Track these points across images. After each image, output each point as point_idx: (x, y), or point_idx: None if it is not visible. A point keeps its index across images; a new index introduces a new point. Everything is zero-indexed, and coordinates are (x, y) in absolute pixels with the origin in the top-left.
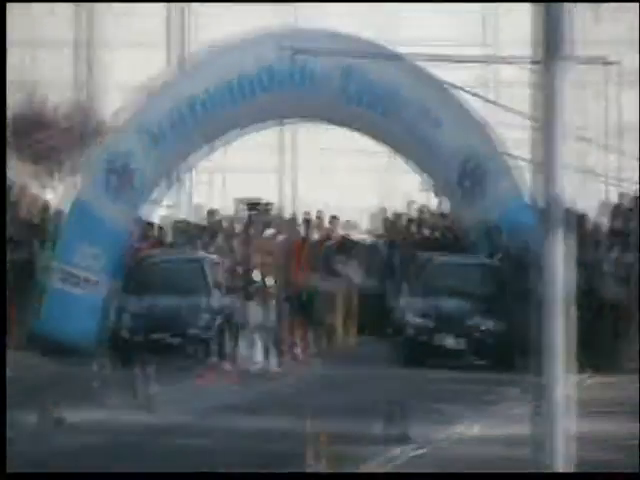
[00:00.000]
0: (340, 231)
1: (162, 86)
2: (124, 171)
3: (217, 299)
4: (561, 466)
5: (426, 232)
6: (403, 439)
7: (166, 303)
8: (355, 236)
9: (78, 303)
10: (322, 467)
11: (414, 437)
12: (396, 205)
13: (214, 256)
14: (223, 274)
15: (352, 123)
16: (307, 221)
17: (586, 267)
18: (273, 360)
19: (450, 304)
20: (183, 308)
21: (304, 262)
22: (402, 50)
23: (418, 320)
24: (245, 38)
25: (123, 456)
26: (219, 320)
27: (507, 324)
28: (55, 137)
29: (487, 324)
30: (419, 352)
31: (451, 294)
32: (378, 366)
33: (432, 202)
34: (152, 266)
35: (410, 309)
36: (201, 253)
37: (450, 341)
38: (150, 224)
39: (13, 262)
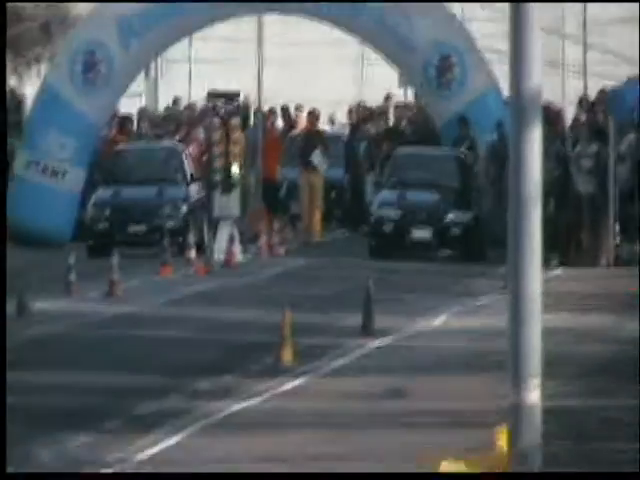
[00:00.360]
0: (306, 122)
1: None
2: (92, 60)
3: (191, 189)
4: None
5: (398, 124)
6: (369, 330)
7: (141, 194)
8: (321, 127)
9: (47, 193)
10: (289, 358)
11: (381, 328)
12: (371, 97)
13: (182, 146)
14: (189, 164)
15: (319, 16)
16: (271, 112)
17: (563, 161)
18: (237, 250)
19: (418, 195)
20: (161, 199)
21: (270, 152)
22: None
23: (385, 211)
24: None
25: (87, 345)
26: (188, 210)
27: (476, 216)
28: (33, 30)
29: (456, 216)
30: (387, 244)
31: (419, 185)
32: (344, 257)
33: (407, 95)
34: (126, 156)
35: (377, 201)
36: (172, 142)
37: (419, 233)
38: (123, 116)
39: None
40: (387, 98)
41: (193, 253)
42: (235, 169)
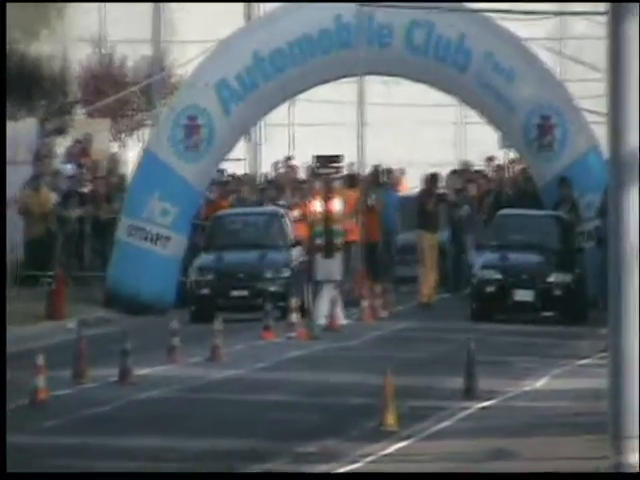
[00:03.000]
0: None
1: (231, 42)
2: (193, 125)
3: (292, 253)
4: (632, 419)
5: (500, 186)
6: (471, 392)
7: (243, 259)
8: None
9: (149, 258)
10: (392, 421)
11: (484, 391)
12: (472, 159)
13: (284, 210)
14: (291, 228)
15: (421, 76)
16: (377, 174)
17: None
18: (340, 314)
19: (520, 257)
20: (263, 263)
21: (372, 215)
22: (471, 2)
23: (487, 273)
24: None
25: (191, 409)
26: (290, 274)
27: (578, 277)
28: (126, 93)
29: (557, 277)
30: (489, 306)
31: (521, 247)
32: (450, 320)
33: (509, 157)
34: (228, 221)
35: (479, 262)
36: (273, 207)
37: (521, 294)
38: (225, 179)
39: (84, 217)
40: (489, 160)
41: (295, 317)
42: (337, 233)
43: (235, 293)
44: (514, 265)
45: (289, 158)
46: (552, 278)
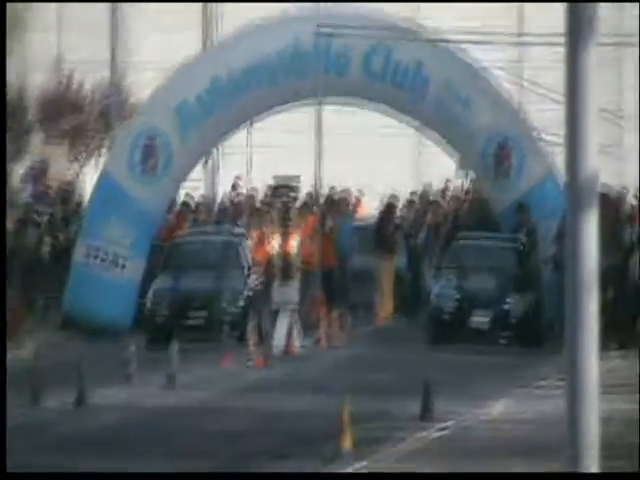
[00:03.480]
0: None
1: (190, 66)
2: (151, 148)
3: (249, 279)
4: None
5: (457, 211)
6: (429, 417)
7: (201, 284)
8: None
9: (106, 282)
10: (348, 447)
11: (441, 415)
12: (428, 185)
13: (241, 234)
14: (247, 254)
15: (378, 102)
16: (331, 200)
17: (619, 247)
18: (296, 339)
19: (476, 282)
20: (221, 290)
21: (328, 239)
22: (428, 30)
23: (444, 298)
24: (270, 20)
25: (143, 436)
26: (247, 299)
27: (534, 301)
28: (84, 116)
29: (514, 301)
30: (445, 331)
31: (476, 273)
32: (407, 344)
33: (465, 184)
34: (187, 246)
35: (436, 288)
36: (229, 233)
37: (477, 318)
38: (184, 203)
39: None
40: (445, 185)
41: (252, 344)
42: (296, 259)
43: (192, 316)
44: (470, 289)
45: (238, 178)
46: (508, 302)
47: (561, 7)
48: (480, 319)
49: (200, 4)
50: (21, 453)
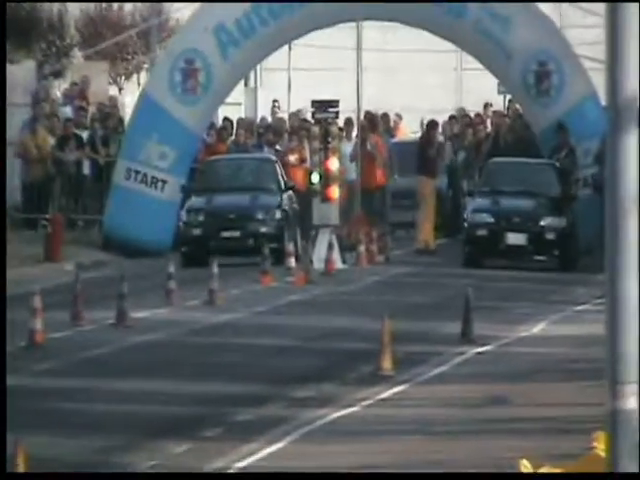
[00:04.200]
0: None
1: None
2: (191, 69)
3: (284, 197)
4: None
5: (497, 132)
6: (468, 338)
7: (234, 201)
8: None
9: (147, 202)
10: (388, 367)
11: (480, 336)
12: (470, 105)
13: (277, 155)
14: (283, 173)
15: (417, 21)
16: (373, 119)
17: None
18: (336, 258)
19: (512, 202)
20: (254, 205)
21: (370, 160)
22: None
23: (478, 217)
24: None
25: (188, 353)
26: (282, 217)
27: (571, 222)
28: (124, 37)
29: (550, 222)
30: (481, 249)
31: (512, 193)
32: (448, 265)
33: (507, 102)
34: (222, 166)
35: (470, 207)
36: (265, 153)
37: (513, 238)
38: (222, 125)
39: (84, 161)
40: (485, 106)
41: (292, 262)
42: (334, 176)
43: (226, 234)
44: (506, 209)
45: (276, 101)
46: (544, 222)
47: None
48: (516, 238)
49: None
50: (60, 372)
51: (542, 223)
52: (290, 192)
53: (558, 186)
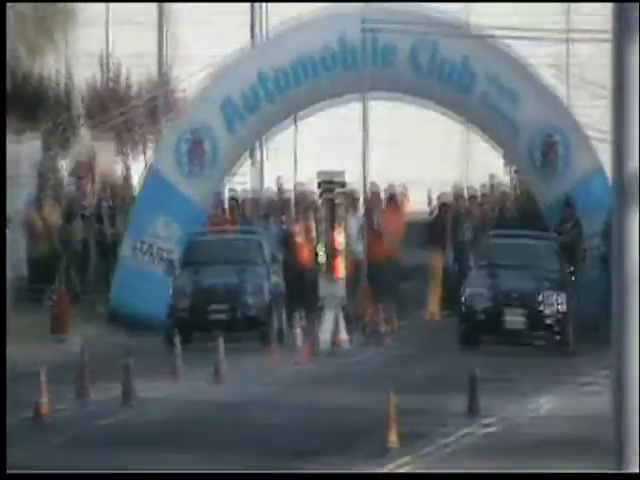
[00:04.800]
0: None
1: (236, 61)
2: (197, 143)
3: (274, 272)
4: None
5: (503, 206)
6: (474, 413)
7: (223, 277)
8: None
9: (152, 277)
10: (394, 442)
11: (486, 409)
12: (476, 178)
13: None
14: (295, 246)
15: (424, 97)
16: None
17: None
18: (343, 334)
19: (510, 280)
20: (242, 282)
21: (376, 233)
22: (475, 25)
23: (476, 295)
24: (315, 15)
25: (190, 431)
26: (271, 295)
27: (571, 301)
28: (130, 111)
29: (549, 300)
30: (478, 328)
31: (512, 270)
32: (453, 339)
33: (511, 176)
34: (208, 241)
35: (468, 284)
36: (251, 231)
37: (511, 318)
38: (231, 198)
39: (91, 237)
40: (491, 179)
41: (299, 337)
42: (341, 254)
43: (214, 311)
44: (503, 286)
45: (280, 178)
46: (543, 300)
47: (609, 4)
48: (514, 319)
49: None
50: (68, 447)
51: (540, 301)
52: (276, 267)
53: (558, 262)
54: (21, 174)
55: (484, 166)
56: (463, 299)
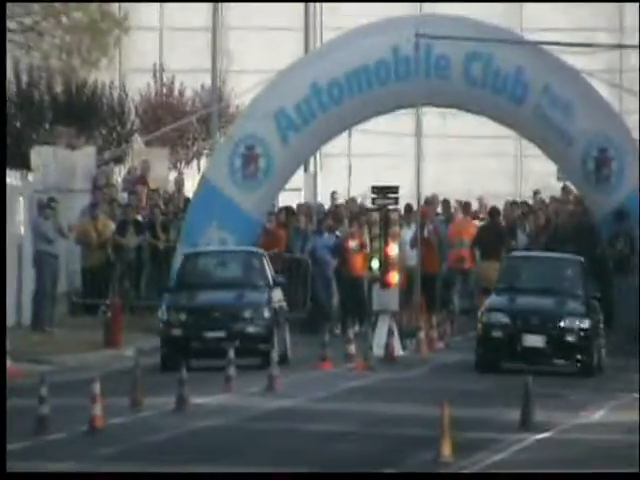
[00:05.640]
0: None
1: (290, 72)
2: (251, 154)
3: (275, 294)
4: None
5: (556, 218)
6: (528, 424)
7: (220, 299)
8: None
9: None
10: (447, 453)
11: (540, 422)
12: (528, 191)
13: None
14: (349, 257)
15: (478, 109)
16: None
17: None
18: (396, 345)
19: (530, 300)
20: (240, 304)
21: (430, 245)
22: (528, 36)
23: (494, 317)
24: (369, 26)
25: (246, 439)
26: (273, 315)
27: (594, 323)
28: (184, 122)
29: (571, 322)
30: (496, 352)
31: (531, 290)
32: None
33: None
34: (203, 259)
35: (485, 305)
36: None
37: (530, 340)
38: (286, 209)
39: (144, 247)
40: (535, 193)
41: (353, 348)
42: (394, 262)
43: (210, 335)
44: (523, 308)
45: (335, 193)
46: (565, 323)
47: None
48: (534, 340)
49: (302, 10)
50: (119, 457)
51: (562, 324)
52: (279, 289)
53: (582, 285)
54: (76, 185)
55: (537, 179)
56: (480, 322)
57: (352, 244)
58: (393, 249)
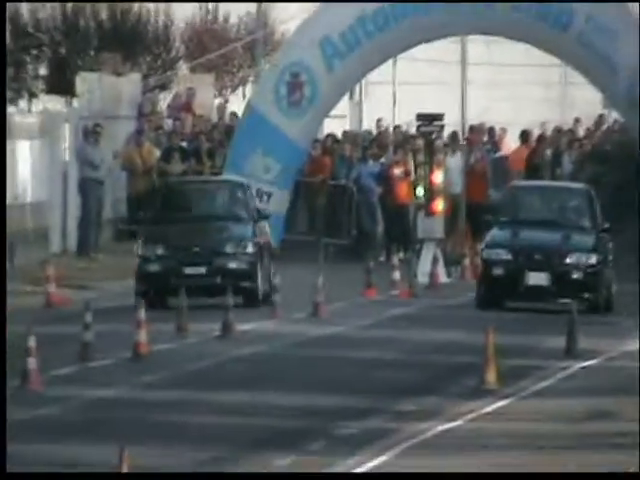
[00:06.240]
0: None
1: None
2: (296, 82)
3: (260, 228)
4: None
5: (603, 146)
6: (573, 352)
7: (201, 232)
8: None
9: None
10: (493, 380)
11: (585, 350)
12: (569, 119)
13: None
14: (394, 185)
15: (522, 36)
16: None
17: None
18: (441, 272)
19: (534, 235)
20: (222, 239)
21: (476, 173)
22: None
23: (495, 253)
24: None
25: (292, 365)
26: (257, 251)
27: (602, 259)
28: (229, 49)
29: (577, 258)
30: (498, 290)
31: (535, 224)
32: None
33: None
34: (183, 190)
35: (486, 240)
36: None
37: (534, 277)
38: (331, 136)
39: (189, 173)
40: (576, 121)
41: (397, 275)
42: (439, 190)
43: (189, 271)
44: (526, 244)
45: (380, 120)
46: (571, 259)
47: None
48: (538, 277)
49: None
50: (164, 383)
51: (568, 261)
52: (265, 222)
53: (590, 218)
54: (121, 112)
55: (582, 107)
56: (481, 259)
57: (397, 172)
58: (438, 176)
